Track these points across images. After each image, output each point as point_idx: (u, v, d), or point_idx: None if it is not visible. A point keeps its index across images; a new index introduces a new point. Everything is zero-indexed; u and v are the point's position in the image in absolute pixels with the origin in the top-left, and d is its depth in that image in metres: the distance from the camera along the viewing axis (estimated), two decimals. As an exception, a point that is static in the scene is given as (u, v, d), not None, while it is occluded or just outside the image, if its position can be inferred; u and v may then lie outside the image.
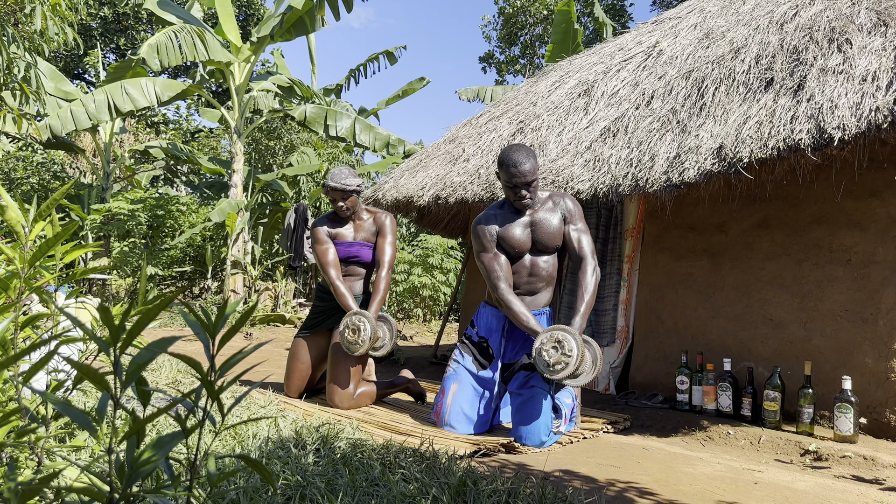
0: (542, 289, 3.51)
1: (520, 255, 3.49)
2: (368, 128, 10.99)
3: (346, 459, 2.37)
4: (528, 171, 3.32)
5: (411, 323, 10.61)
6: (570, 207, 3.49)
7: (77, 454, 2.03)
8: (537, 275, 3.49)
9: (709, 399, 3.97)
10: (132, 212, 11.00)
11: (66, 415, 0.91)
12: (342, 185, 3.97)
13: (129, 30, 19.30)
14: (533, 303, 3.50)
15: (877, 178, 3.63)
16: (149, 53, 8.67)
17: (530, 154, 3.37)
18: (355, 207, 4.09)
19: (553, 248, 3.49)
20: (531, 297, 3.50)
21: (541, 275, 3.49)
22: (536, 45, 21.71)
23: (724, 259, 4.22)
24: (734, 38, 4.39)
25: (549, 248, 3.48)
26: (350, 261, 4.06)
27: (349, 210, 4.05)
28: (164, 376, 4.08)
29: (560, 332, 3.12)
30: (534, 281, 3.49)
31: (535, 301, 3.51)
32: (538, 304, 3.51)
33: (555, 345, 3.11)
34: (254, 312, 7.57)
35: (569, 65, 6.02)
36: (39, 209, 1.51)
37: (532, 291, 3.50)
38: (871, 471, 3.06)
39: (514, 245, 3.45)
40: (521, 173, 3.32)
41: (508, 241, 3.45)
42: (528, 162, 3.33)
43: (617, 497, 2.44)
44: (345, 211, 4.04)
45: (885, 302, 3.55)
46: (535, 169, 3.35)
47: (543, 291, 3.52)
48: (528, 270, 3.49)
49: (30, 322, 1.50)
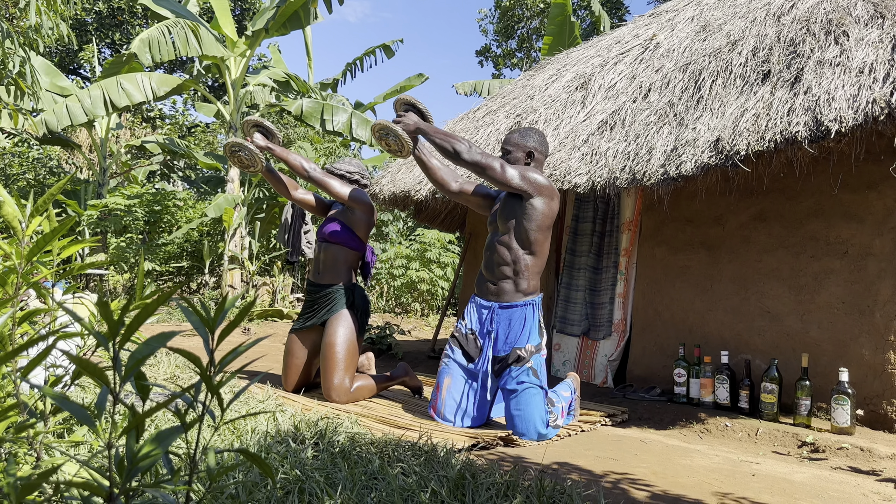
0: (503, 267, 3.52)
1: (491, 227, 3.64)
2: (365, 122, 10.96)
3: (344, 453, 2.38)
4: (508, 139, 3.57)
5: (409, 317, 10.61)
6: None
7: (76, 449, 2.03)
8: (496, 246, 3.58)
9: (706, 392, 3.98)
10: (129, 207, 10.97)
11: (65, 409, 0.91)
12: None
13: (125, 24, 19.21)
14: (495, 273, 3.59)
15: (874, 171, 3.64)
16: (140, 48, 8.63)
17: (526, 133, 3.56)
18: None
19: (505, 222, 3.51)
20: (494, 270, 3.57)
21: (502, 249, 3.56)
22: (533, 39, 21.67)
23: (722, 252, 4.23)
24: (731, 31, 4.39)
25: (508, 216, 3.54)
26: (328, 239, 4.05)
27: None
28: (163, 371, 4.08)
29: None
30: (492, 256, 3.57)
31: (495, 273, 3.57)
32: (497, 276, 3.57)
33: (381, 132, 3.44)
34: (252, 307, 7.58)
35: (566, 58, 6.01)
36: (36, 204, 1.51)
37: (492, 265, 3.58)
38: (868, 462, 3.07)
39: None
40: (504, 140, 3.59)
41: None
42: (516, 133, 3.56)
43: (615, 489, 2.45)
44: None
45: (882, 294, 3.56)
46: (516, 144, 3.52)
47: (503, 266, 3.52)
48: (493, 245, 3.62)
49: (27, 317, 1.50)
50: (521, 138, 3.49)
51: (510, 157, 3.46)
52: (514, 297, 3.43)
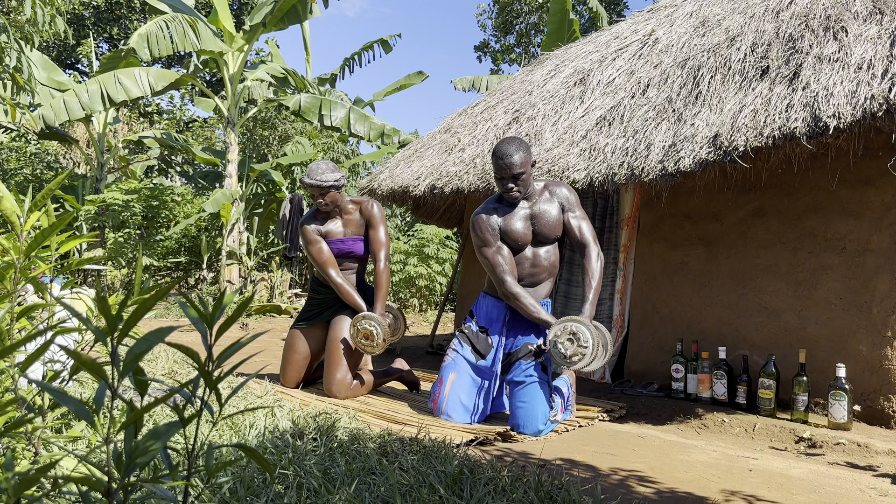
0: (545, 279, 3.53)
1: (522, 248, 3.49)
2: (363, 117, 10.95)
3: (343, 449, 2.38)
4: (515, 162, 3.31)
5: (407, 313, 10.62)
6: (567, 196, 3.49)
7: (74, 444, 2.03)
8: (539, 266, 3.50)
9: (704, 387, 3.99)
10: (127, 202, 10.95)
11: (64, 404, 0.91)
12: (318, 182, 3.86)
13: (122, 19, 19.15)
14: (535, 294, 3.50)
15: (871, 167, 3.64)
16: (139, 43, 8.60)
17: (521, 146, 3.35)
18: (338, 202, 3.98)
19: (553, 239, 3.50)
20: (533, 289, 3.51)
21: (542, 265, 3.50)
22: (532, 34, 21.62)
23: (720, 248, 4.23)
24: (730, 27, 4.38)
25: (550, 239, 3.49)
26: (346, 256, 4.03)
27: (330, 206, 3.96)
28: (161, 367, 4.08)
29: (573, 324, 3.15)
30: (536, 272, 3.50)
31: (537, 292, 3.52)
32: (540, 295, 3.52)
33: (570, 337, 3.14)
34: (251, 303, 7.58)
35: (564, 53, 6.00)
36: (34, 200, 1.51)
37: (535, 283, 3.51)
38: (865, 457, 3.08)
39: (517, 238, 3.46)
40: (508, 165, 3.32)
41: (511, 234, 3.45)
42: (517, 154, 3.32)
43: (613, 484, 2.46)
44: (325, 206, 3.96)
45: (880, 290, 3.57)
46: (524, 161, 3.33)
47: (545, 282, 3.54)
48: (530, 262, 3.49)
49: (26, 312, 1.50)
50: (526, 154, 3.36)
51: (524, 177, 3.36)
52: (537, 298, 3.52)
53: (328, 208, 3.98)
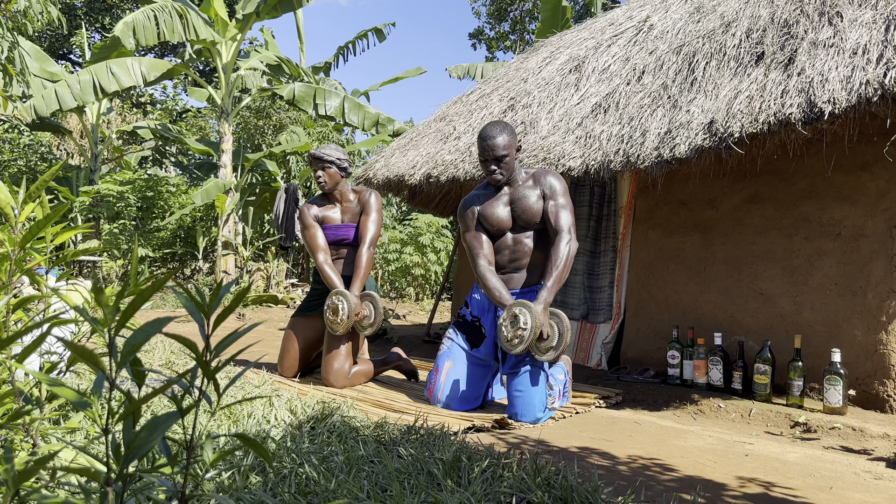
0: (529, 266, 3.50)
1: (501, 233, 3.50)
2: (357, 107, 10.91)
3: (341, 437, 2.39)
4: (498, 144, 3.32)
5: (404, 302, 10.62)
6: (552, 184, 3.45)
7: (72, 436, 2.04)
8: (520, 252, 3.49)
9: (700, 373, 4.01)
10: (121, 193, 10.92)
11: (62, 395, 0.91)
12: (320, 154, 4.02)
13: (115, 8, 19.00)
14: (517, 280, 3.50)
15: (867, 152, 3.64)
16: (124, 32, 8.51)
17: (506, 129, 3.36)
18: (338, 184, 4.08)
19: (534, 225, 3.47)
20: (518, 274, 3.50)
21: (524, 251, 3.48)
22: (526, 21, 21.53)
23: (715, 234, 4.24)
24: (725, 12, 4.37)
25: (531, 225, 3.47)
26: (340, 243, 4.07)
27: (327, 184, 4.05)
28: (158, 357, 4.08)
29: (517, 308, 3.14)
30: (517, 258, 3.49)
31: (523, 279, 3.50)
32: (527, 282, 3.50)
33: (512, 319, 3.13)
34: (247, 293, 7.59)
35: (559, 40, 5.98)
36: (29, 191, 1.50)
37: (518, 268, 3.50)
38: (860, 441, 3.10)
39: (494, 223, 3.46)
40: (491, 147, 3.33)
41: (488, 218, 3.46)
42: (501, 136, 3.33)
43: (609, 469, 2.47)
44: (322, 184, 4.05)
45: (875, 275, 3.58)
46: (508, 144, 3.35)
47: (531, 269, 3.51)
48: (510, 248, 3.49)
49: (22, 304, 1.49)
50: (510, 137, 3.38)
51: (507, 160, 3.37)
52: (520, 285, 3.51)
53: (325, 186, 4.05)
